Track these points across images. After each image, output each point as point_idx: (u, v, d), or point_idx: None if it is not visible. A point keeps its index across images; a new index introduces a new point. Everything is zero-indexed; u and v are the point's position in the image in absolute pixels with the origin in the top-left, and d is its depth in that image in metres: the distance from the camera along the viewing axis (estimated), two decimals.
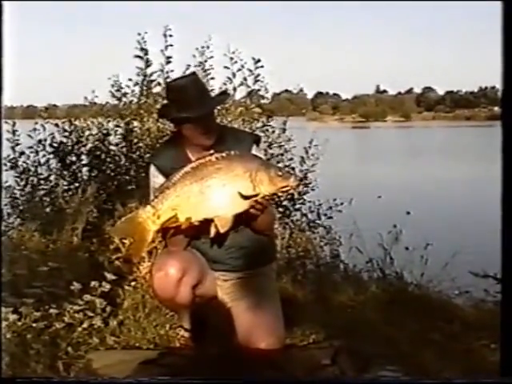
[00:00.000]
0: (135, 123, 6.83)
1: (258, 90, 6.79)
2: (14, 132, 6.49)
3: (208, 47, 6.61)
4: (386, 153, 32.16)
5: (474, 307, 4.39)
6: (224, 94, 3.75)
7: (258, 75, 6.62)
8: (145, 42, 6.63)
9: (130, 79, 6.89)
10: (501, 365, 2.22)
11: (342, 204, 7.12)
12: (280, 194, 2.99)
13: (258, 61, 6.51)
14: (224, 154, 2.91)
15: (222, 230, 2.89)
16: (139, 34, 6.61)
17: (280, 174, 2.87)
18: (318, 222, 7.13)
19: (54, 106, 8.96)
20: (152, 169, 3.23)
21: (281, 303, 3.31)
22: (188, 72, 6.45)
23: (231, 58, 6.44)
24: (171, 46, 6.59)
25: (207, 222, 2.91)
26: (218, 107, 3.32)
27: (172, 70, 6.69)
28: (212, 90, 6.52)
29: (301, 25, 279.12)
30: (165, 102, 3.37)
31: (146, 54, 6.68)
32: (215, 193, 2.88)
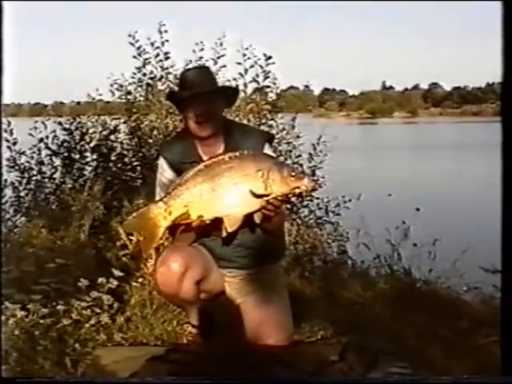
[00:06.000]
0: (140, 120, 6.84)
1: (268, 86, 6.78)
2: (11, 131, 6.45)
3: (221, 44, 6.58)
4: (394, 149, 32.07)
5: (483, 303, 4.37)
6: (231, 87, 3.72)
7: (269, 72, 6.60)
8: (137, 41, 6.67)
9: (133, 77, 6.93)
10: (502, 363, 2.20)
11: (350, 201, 7.10)
12: (292, 196, 2.91)
13: (270, 57, 6.49)
14: (237, 154, 2.89)
15: (230, 229, 2.87)
16: (130, 36, 6.66)
17: (293, 174, 2.82)
18: (325, 218, 7.11)
19: (61, 103, 8.95)
20: (161, 161, 3.24)
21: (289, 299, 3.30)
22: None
23: (244, 55, 6.43)
24: (167, 41, 6.62)
25: (217, 221, 2.90)
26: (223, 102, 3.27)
27: (172, 66, 6.73)
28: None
29: (307, 21, 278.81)
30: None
31: (143, 52, 6.71)
32: (227, 191, 2.86)
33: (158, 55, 6.70)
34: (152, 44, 6.66)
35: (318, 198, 7.08)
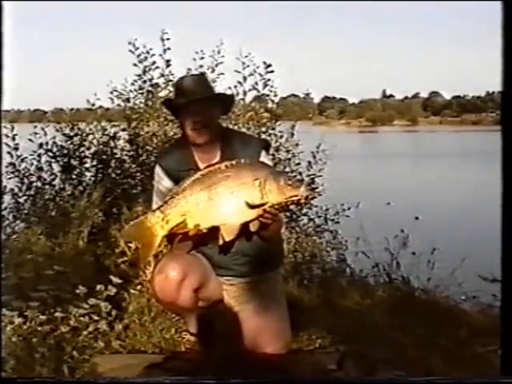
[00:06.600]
0: (140, 127, 6.85)
1: (267, 94, 6.79)
2: (13, 137, 6.46)
3: (219, 52, 6.60)
4: (393, 157, 32.09)
5: (482, 312, 4.36)
6: (228, 95, 3.73)
7: (268, 80, 6.62)
8: (137, 48, 6.72)
9: (133, 83, 6.96)
10: (501, 364, 2.20)
11: (349, 209, 7.10)
12: (289, 204, 2.91)
13: (269, 65, 6.51)
14: (234, 162, 2.90)
15: (227, 239, 2.88)
16: (129, 43, 6.70)
17: (289, 183, 2.83)
18: (324, 226, 7.10)
19: (61, 109, 8.95)
20: (158, 170, 3.24)
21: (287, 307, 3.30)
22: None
23: (243, 63, 6.45)
24: (169, 49, 6.68)
25: (215, 229, 2.90)
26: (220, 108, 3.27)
27: (172, 74, 6.77)
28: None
29: (307, 29, 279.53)
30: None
31: (143, 60, 6.75)
32: (223, 200, 2.86)
33: (154, 62, 6.74)
34: (148, 52, 6.70)
35: (317, 206, 7.08)
